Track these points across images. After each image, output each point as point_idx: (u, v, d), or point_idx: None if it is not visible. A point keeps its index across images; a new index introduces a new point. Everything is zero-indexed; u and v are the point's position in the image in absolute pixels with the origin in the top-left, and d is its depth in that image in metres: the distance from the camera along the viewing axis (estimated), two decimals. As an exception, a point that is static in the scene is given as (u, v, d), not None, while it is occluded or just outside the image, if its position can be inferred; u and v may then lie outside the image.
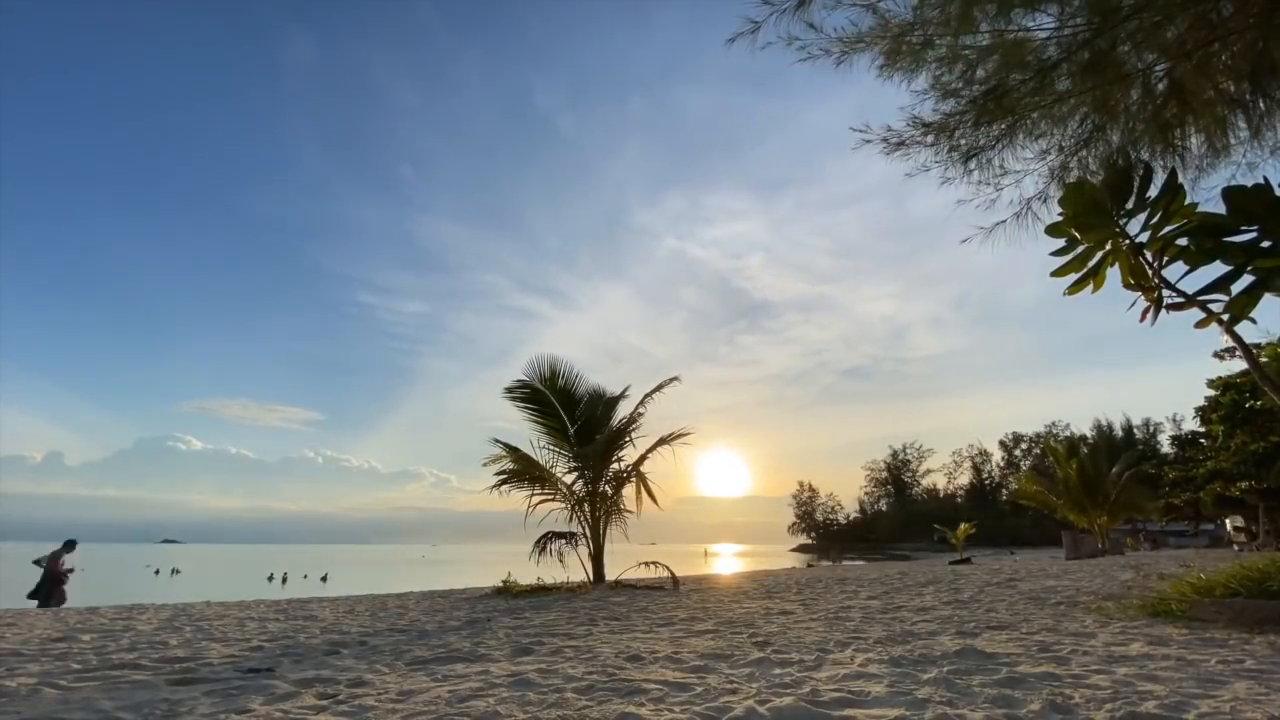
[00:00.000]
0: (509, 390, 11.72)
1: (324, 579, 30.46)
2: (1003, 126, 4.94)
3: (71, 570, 11.51)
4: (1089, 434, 66.73)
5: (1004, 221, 5.55)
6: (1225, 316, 4.59)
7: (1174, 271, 4.81)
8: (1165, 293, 4.84)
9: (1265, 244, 4.26)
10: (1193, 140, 4.97)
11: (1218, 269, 4.53)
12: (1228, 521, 30.29)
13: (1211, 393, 27.65)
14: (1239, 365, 24.57)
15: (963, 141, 5.03)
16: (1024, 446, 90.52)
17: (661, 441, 11.36)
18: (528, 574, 10.73)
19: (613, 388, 12.26)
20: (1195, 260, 4.61)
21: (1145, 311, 4.93)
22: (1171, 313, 4.85)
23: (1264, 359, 14.29)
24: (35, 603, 10.66)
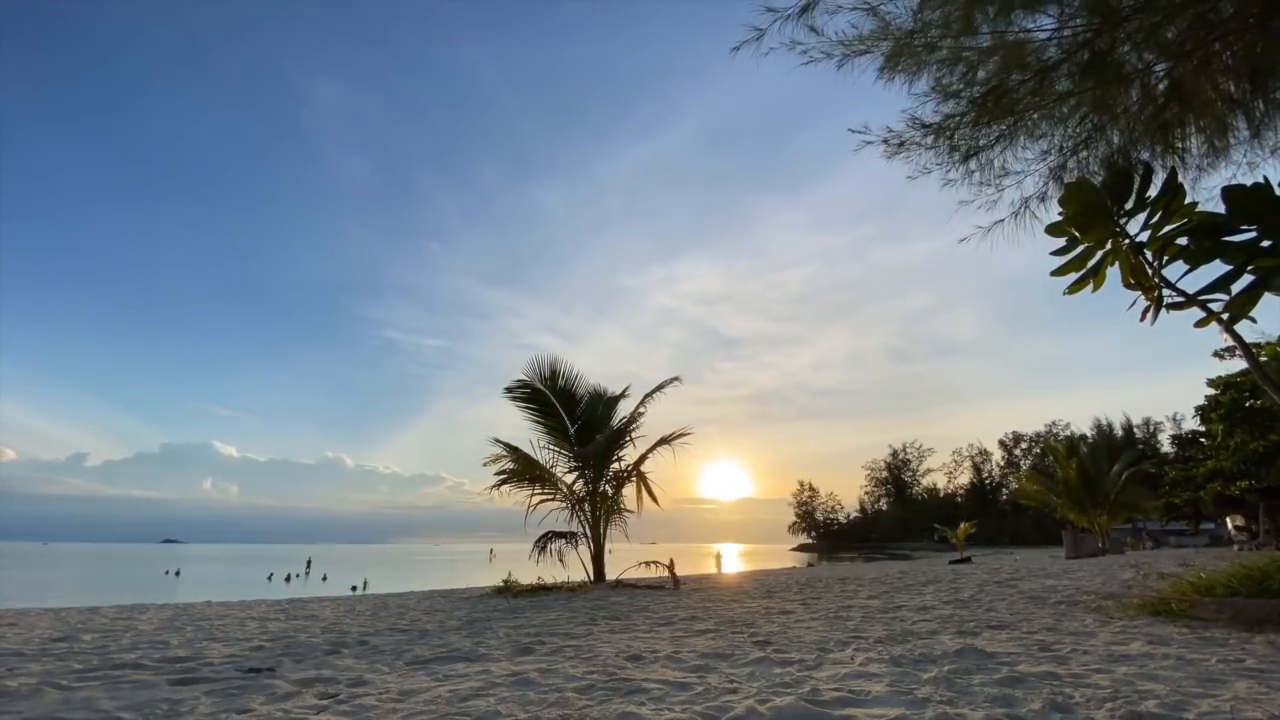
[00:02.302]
0: (509, 390, 11.71)
1: (324, 578, 30.48)
2: (1003, 127, 4.94)
3: None
4: (1089, 433, 66.78)
5: (1002, 221, 5.55)
6: (1225, 316, 4.60)
7: (1174, 271, 4.81)
8: (1165, 292, 4.84)
9: (1265, 243, 4.27)
10: (1193, 140, 4.97)
11: (1218, 268, 4.53)
12: (1228, 521, 30.28)
13: (1211, 392, 27.63)
14: (1239, 364, 24.57)
15: (962, 142, 5.04)
16: (1024, 446, 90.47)
17: (662, 441, 11.36)
18: (529, 573, 10.74)
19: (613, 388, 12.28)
20: (1195, 260, 4.62)
21: (1145, 311, 4.94)
22: (1171, 312, 4.85)
23: (1264, 358, 14.29)
24: None
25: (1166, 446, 61.88)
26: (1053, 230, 5.03)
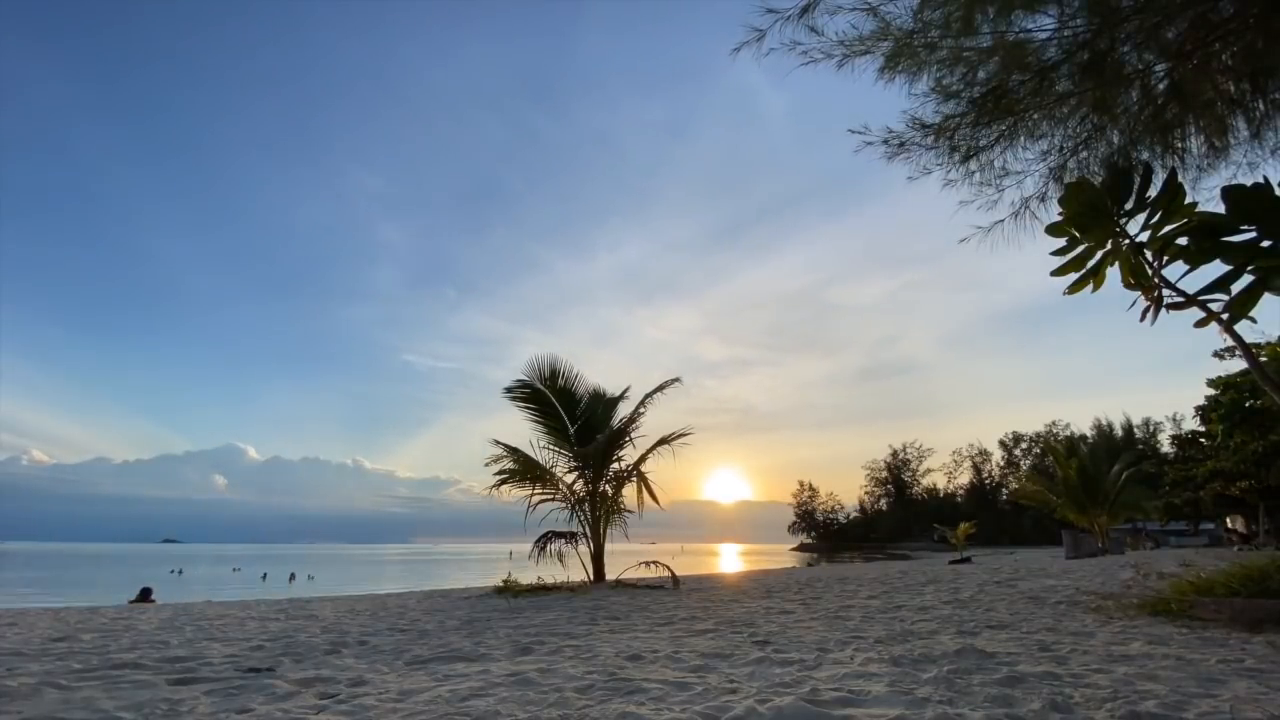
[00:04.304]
0: (509, 390, 11.69)
1: (310, 578, 30.74)
2: (1003, 127, 4.94)
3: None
4: (1089, 434, 66.72)
5: (1002, 221, 5.55)
6: (1225, 316, 4.60)
7: (1174, 271, 4.81)
8: (1165, 292, 4.84)
9: (1265, 243, 4.26)
10: (1192, 140, 4.97)
11: (1218, 268, 4.53)
12: (1227, 521, 30.30)
13: (1211, 392, 27.65)
14: (1239, 365, 24.57)
15: (963, 143, 5.04)
16: (1024, 446, 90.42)
17: (662, 441, 11.34)
18: (528, 573, 10.74)
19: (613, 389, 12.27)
20: (1195, 260, 4.61)
21: (1145, 311, 4.94)
22: (1171, 312, 4.85)
23: (1264, 359, 14.27)
24: None
25: (1166, 446, 61.76)
26: (1053, 230, 5.03)
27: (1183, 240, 4.63)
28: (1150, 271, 4.88)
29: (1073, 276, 5.12)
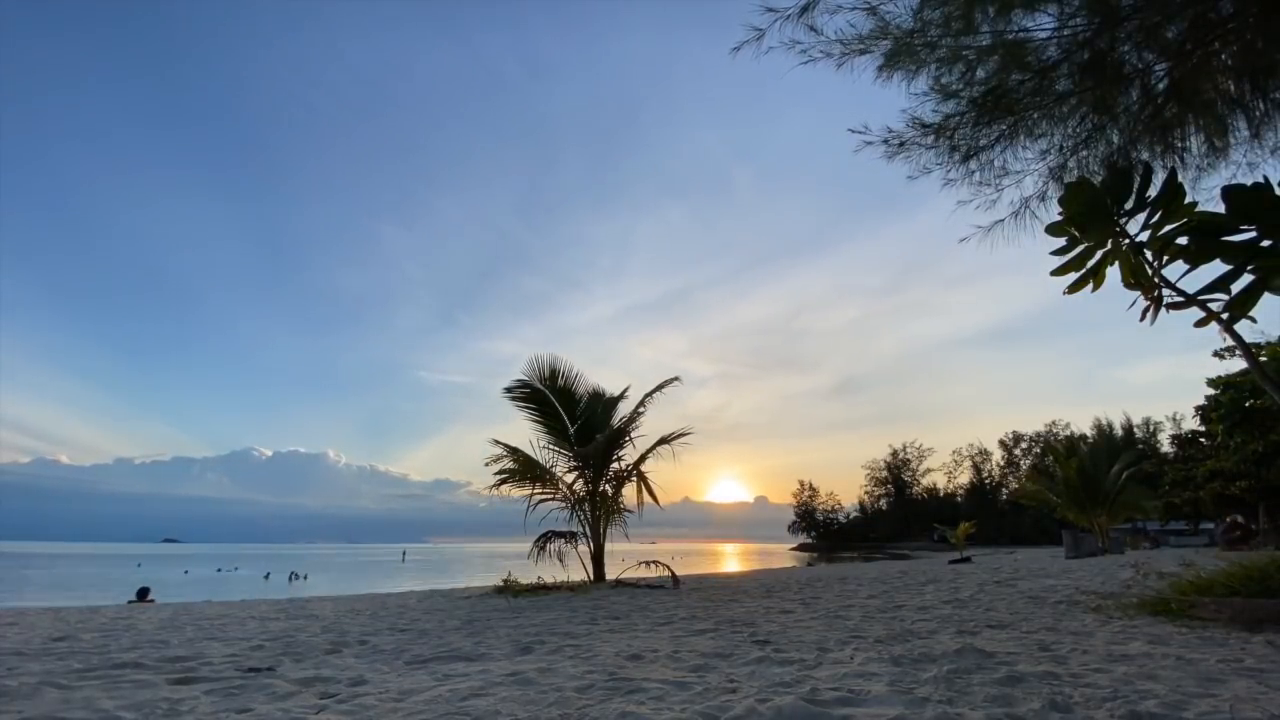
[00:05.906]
0: (508, 390, 11.69)
1: (304, 577, 30.80)
2: (1003, 127, 4.94)
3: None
4: (1089, 433, 66.72)
5: (1002, 221, 5.55)
6: (1225, 316, 4.59)
7: (1174, 271, 4.81)
8: (1165, 292, 4.84)
9: (1265, 243, 4.26)
10: (1193, 140, 4.97)
11: (1218, 268, 4.53)
12: (1227, 520, 30.32)
13: (1211, 392, 27.67)
14: (1239, 364, 24.59)
15: (963, 142, 5.04)
16: (1024, 446, 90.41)
17: (662, 441, 11.35)
18: (529, 573, 10.74)
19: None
20: (1195, 260, 4.61)
21: (1145, 310, 4.93)
22: (1171, 312, 4.85)
23: (1264, 359, 14.29)
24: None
25: (1166, 446, 61.74)
26: (1053, 230, 5.02)
27: (1183, 240, 4.62)
28: (1150, 271, 4.87)
29: (1073, 276, 5.11)
